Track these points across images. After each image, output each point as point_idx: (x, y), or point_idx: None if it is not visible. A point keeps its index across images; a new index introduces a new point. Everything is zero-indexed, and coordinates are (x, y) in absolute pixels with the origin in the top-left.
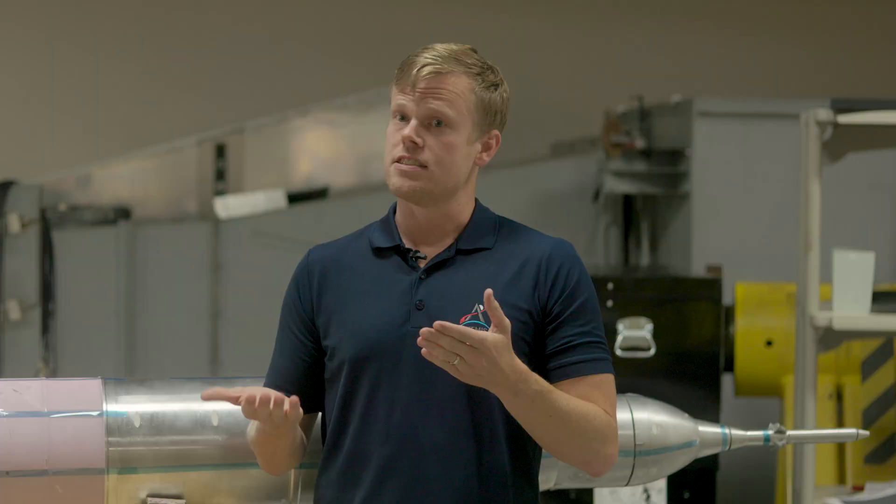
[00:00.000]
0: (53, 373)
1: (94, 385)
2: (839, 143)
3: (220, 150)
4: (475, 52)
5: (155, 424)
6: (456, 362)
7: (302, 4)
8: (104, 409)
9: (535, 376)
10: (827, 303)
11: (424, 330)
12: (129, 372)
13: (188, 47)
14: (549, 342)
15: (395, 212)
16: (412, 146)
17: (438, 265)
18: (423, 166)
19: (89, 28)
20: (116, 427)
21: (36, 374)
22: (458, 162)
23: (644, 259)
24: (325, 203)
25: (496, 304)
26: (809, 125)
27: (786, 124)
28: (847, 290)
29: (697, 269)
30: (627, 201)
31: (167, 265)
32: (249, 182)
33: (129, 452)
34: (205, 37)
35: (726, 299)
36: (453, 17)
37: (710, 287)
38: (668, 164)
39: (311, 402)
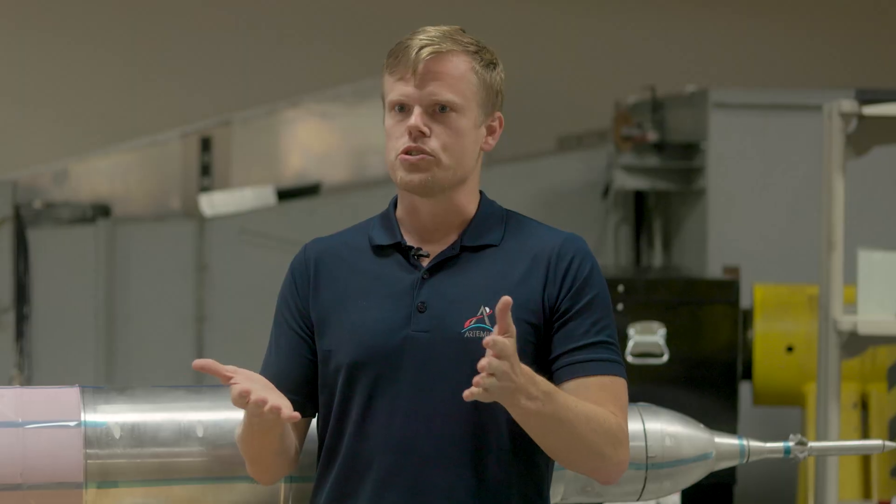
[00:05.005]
0: (28, 381)
1: (71, 394)
2: (864, 136)
3: (206, 144)
4: (464, 31)
5: (136, 435)
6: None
7: None
8: (82, 419)
9: (540, 377)
10: (851, 306)
11: (478, 379)
12: (109, 380)
13: (171, 34)
14: (555, 339)
15: (395, 206)
16: (419, 135)
17: (442, 264)
18: (432, 155)
19: (65, 13)
20: (95, 438)
21: (10, 382)
22: (467, 148)
23: (656, 259)
24: (316, 200)
25: (509, 311)
26: (833, 117)
27: (807, 116)
28: (872, 292)
29: (713, 270)
30: (639, 198)
31: (149, 266)
32: (237, 177)
33: (108, 465)
34: (189, 23)
35: (744, 302)
36: (454, 3)
37: (726, 289)
38: (682, 158)
39: (309, 405)
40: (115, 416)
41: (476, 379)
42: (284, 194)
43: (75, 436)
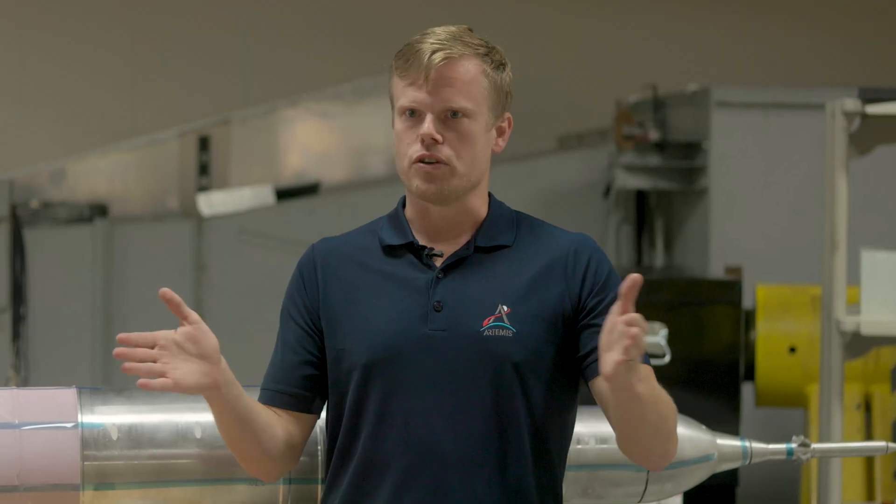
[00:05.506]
0: (25, 382)
1: (68, 395)
2: (867, 135)
3: (204, 143)
4: (472, 31)
5: (133, 437)
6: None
7: None
8: (79, 420)
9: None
10: (854, 306)
11: (622, 319)
12: (106, 381)
13: (171, 34)
14: (585, 335)
15: (404, 205)
16: (432, 143)
17: (456, 263)
18: (446, 163)
19: (65, 13)
20: (92, 440)
21: (6, 383)
22: (479, 152)
23: (658, 259)
24: (316, 199)
25: (636, 290)
26: (836, 116)
27: (810, 115)
28: (876, 292)
29: (715, 271)
30: (640, 198)
31: (147, 266)
32: (235, 177)
33: (105, 467)
34: (189, 22)
35: (746, 302)
36: (454, 3)
37: (728, 289)
38: (684, 157)
39: (316, 401)
40: (112, 417)
41: (625, 346)
42: (283, 194)
43: (72, 437)
